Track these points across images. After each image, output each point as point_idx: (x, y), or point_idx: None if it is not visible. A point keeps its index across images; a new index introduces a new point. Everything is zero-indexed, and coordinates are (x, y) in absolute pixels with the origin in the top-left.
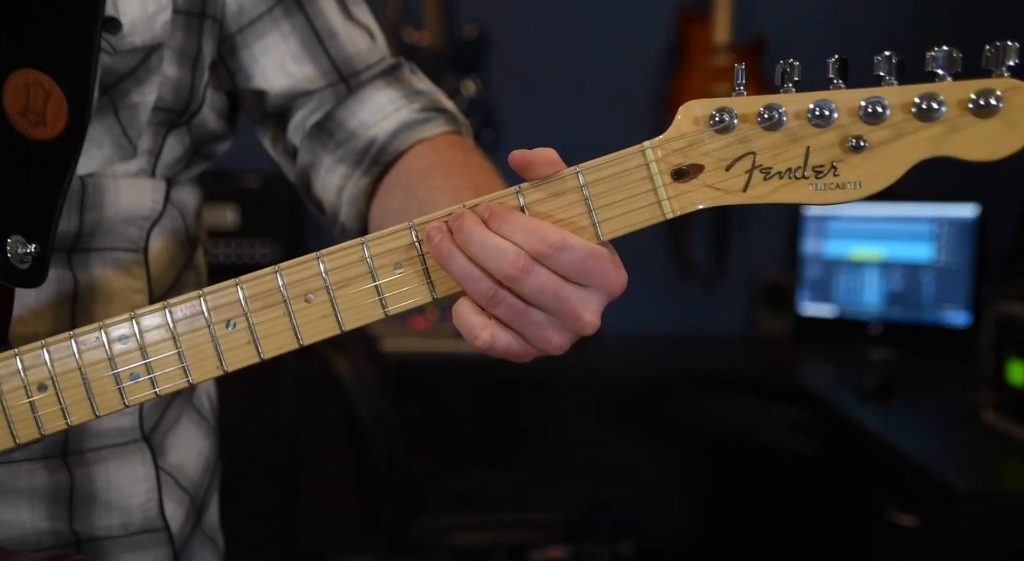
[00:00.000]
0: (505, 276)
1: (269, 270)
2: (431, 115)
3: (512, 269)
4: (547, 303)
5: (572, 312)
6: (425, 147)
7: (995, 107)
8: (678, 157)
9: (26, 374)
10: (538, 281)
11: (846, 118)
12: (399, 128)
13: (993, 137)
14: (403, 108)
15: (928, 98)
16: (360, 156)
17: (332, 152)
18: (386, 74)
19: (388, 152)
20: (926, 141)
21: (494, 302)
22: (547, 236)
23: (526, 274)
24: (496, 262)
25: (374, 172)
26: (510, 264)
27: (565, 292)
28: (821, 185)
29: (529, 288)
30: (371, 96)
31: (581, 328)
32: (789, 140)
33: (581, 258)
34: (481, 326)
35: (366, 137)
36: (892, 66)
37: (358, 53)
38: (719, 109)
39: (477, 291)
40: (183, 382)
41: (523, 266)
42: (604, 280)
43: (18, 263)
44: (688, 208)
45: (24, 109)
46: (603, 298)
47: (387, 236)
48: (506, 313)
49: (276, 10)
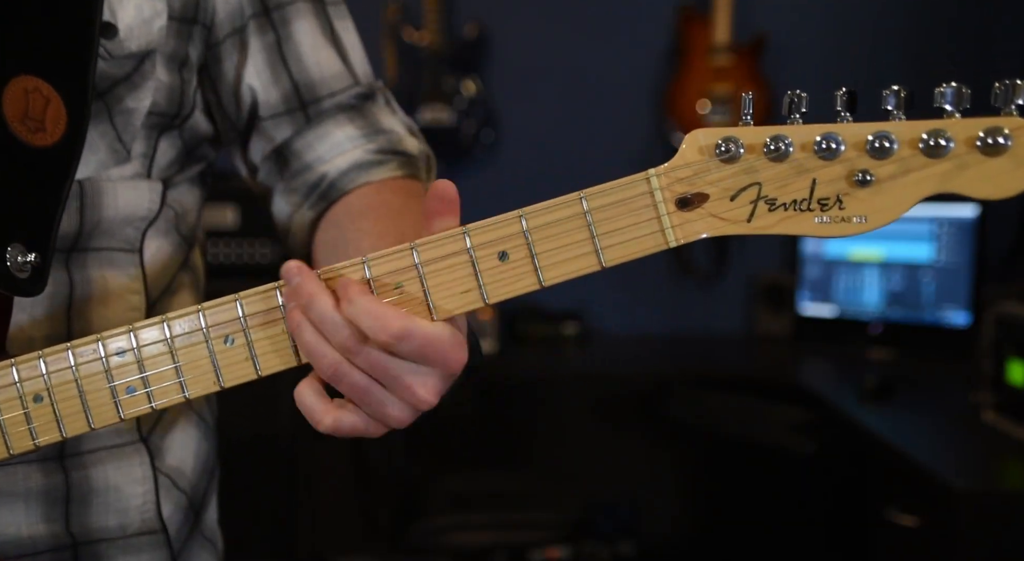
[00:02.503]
0: (342, 349)
1: (269, 287)
2: (385, 158)
3: (348, 343)
4: (383, 380)
5: (407, 389)
6: (369, 189)
7: (1003, 146)
8: (683, 186)
9: (22, 385)
10: (368, 360)
11: (853, 152)
12: (350, 167)
13: (1001, 175)
14: (359, 147)
15: (936, 135)
16: (310, 190)
17: (286, 180)
18: (350, 107)
19: (336, 189)
20: (933, 177)
21: (337, 377)
22: (389, 325)
23: (358, 353)
24: (333, 335)
25: (319, 207)
26: (346, 338)
27: (397, 370)
28: (826, 218)
29: (363, 365)
30: (331, 131)
31: (417, 404)
32: (795, 172)
33: (420, 346)
34: (323, 411)
35: (319, 172)
36: (900, 100)
37: (323, 80)
38: (725, 139)
39: (321, 364)
40: (179, 397)
41: (355, 345)
42: (443, 363)
43: (17, 272)
44: (692, 237)
45: (23, 115)
46: (442, 376)
47: (388, 256)
48: (348, 389)
49: (250, 27)
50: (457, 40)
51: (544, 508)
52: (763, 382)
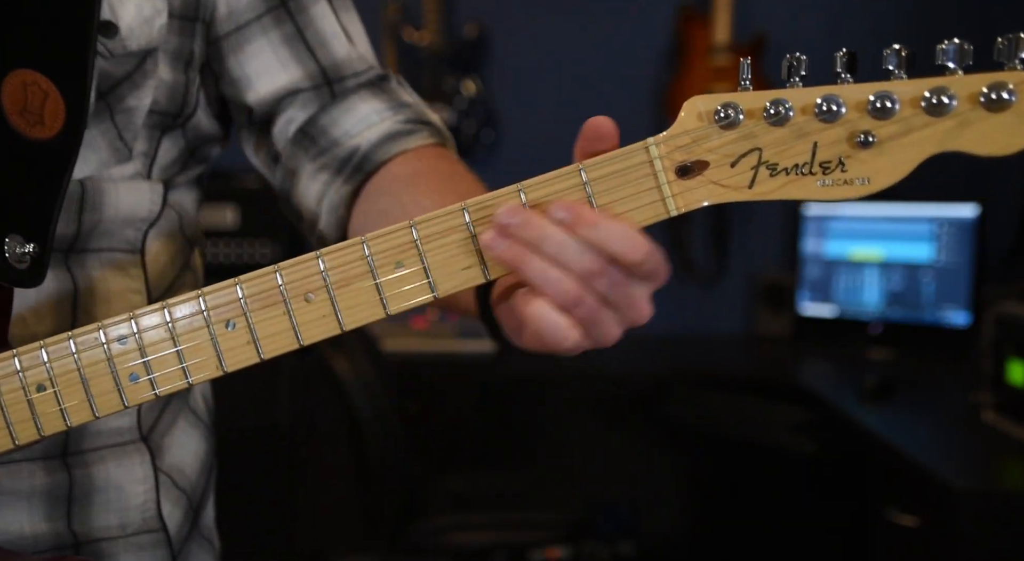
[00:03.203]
0: (587, 274)
1: (269, 269)
2: (416, 127)
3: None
4: (618, 301)
5: (636, 306)
6: (409, 157)
7: (1007, 101)
8: (682, 153)
9: (25, 375)
10: (611, 280)
11: (854, 113)
12: (383, 138)
13: (1005, 131)
14: (388, 119)
15: (938, 92)
16: (342, 164)
17: (314, 159)
18: (372, 85)
19: (371, 161)
20: (936, 136)
21: (578, 302)
22: (640, 244)
23: (602, 275)
24: (576, 263)
25: (356, 180)
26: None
27: (632, 289)
28: (829, 181)
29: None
30: (356, 105)
31: (642, 319)
32: (796, 135)
33: (658, 261)
34: (568, 326)
35: (349, 146)
36: (901, 60)
37: (346, 59)
38: (724, 104)
39: (560, 290)
40: (183, 383)
41: (601, 267)
42: (661, 276)
43: (16, 263)
44: (693, 205)
45: (22, 108)
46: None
47: (387, 234)
48: (584, 314)
49: (265, 18)
50: (457, 40)
51: (544, 508)
52: (763, 382)
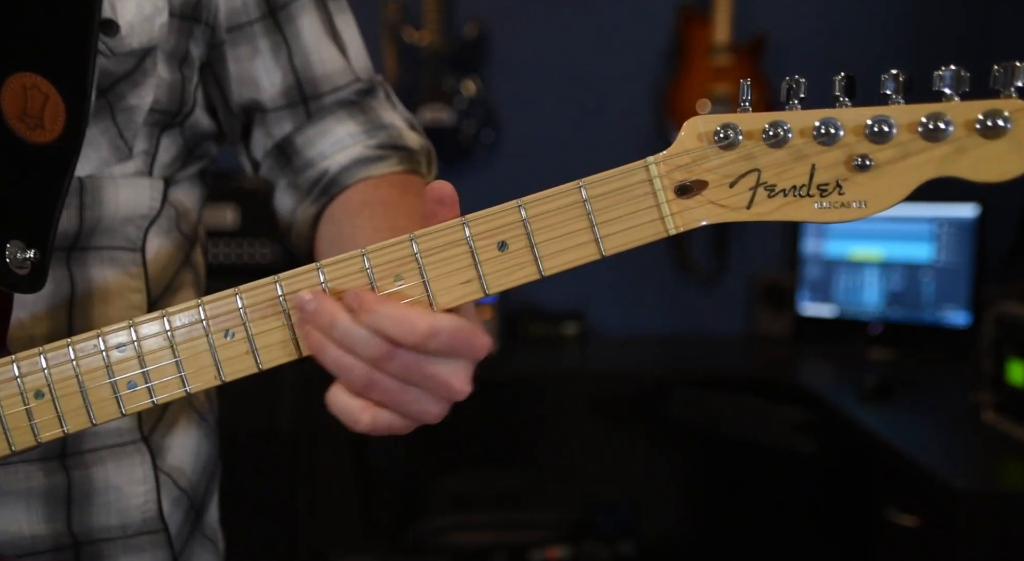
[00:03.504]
0: (372, 360)
1: (268, 280)
2: (386, 153)
3: (377, 353)
4: (418, 382)
5: (444, 384)
6: (368, 184)
7: (1003, 128)
8: (682, 173)
9: (23, 381)
10: (401, 364)
11: (852, 137)
12: (351, 163)
13: (1000, 158)
14: (360, 143)
15: (935, 118)
16: (312, 186)
17: (287, 176)
18: (351, 103)
19: (336, 185)
20: (932, 161)
21: (370, 387)
22: (416, 326)
23: (391, 359)
24: (362, 350)
25: (320, 202)
26: (375, 348)
27: (430, 368)
28: (826, 203)
29: (395, 370)
30: (332, 127)
31: (454, 396)
32: (794, 158)
33: (450, 340)
34: (360, 410)
35: (320, 168)
36: (899, 84)
37: (325, 76)
38: (724, 125)
39: (351, 378)
40: (180, 392)
41: (387, 352)
42: (471, 351)
43: (17, 268)
44: (691, 224)
45: (22, 112)
46: (470, 364)
47: (388, 247)
48: (382, 396)
49: (257, 26)
50: (457, 40)
51: (544, 508)
52: (763, 382)
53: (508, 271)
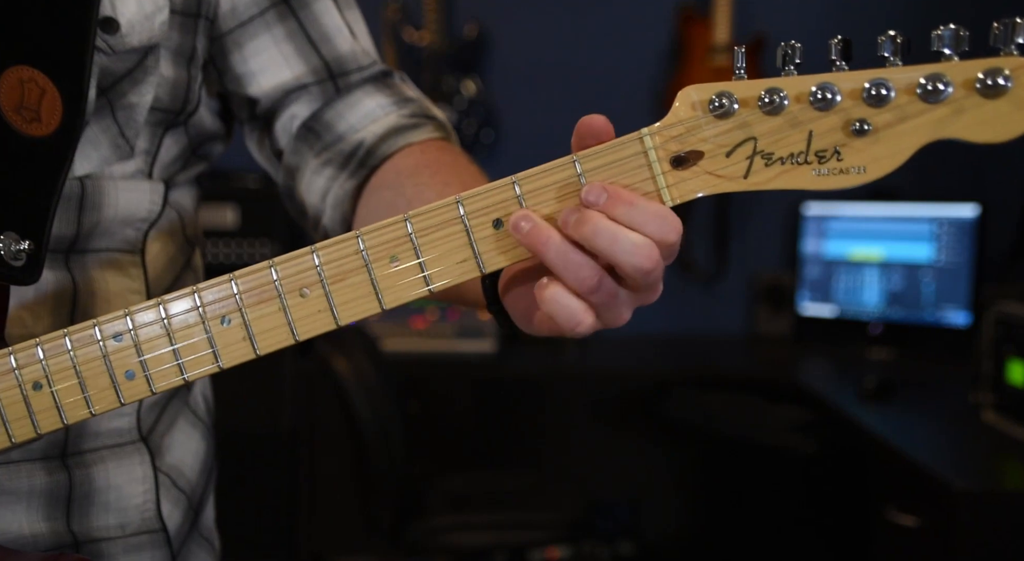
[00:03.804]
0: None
1: (263, 265)
2: (420, 121)
3: (648, 263)
4: (648, 285)
5: (655, 287)
6: (413, 150)
7: (1003, 87)
8: (677, 144)
9: (21, 372)
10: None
11: (849, 101)
12: (387, 132)
13: (1001, 118)
14: (392, 113)
15: (933, 79)
16: (347, 159)
17: (319, 155)
18: (376, 79)
19: (375, 156)
20: (932, 123)
21: (596, 288)
22: (675, 224)
23: (658, 265)
24: (630, 257)
25: (360, 175)
26: (645, 258)
27: (660, 272)
28: (824, 170)
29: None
30: (360, 100)
31: (654, 299)
32: (791, 125)
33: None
34: (583, 310)
35: (354, 140)
36: (896, 46)
37: (349, 53)
38: (719, 94)
39: (579, 278)
40: (179, 379)
41: (657, 259)
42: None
43: (12, 260)
44: (688, 196)
45: (19, 105)
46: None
47: (382, 228)
48: (602, 298)
49: (269, 14)
50: (457, 40)
51: (544, 508)
52: (763, 382)
53: (504, 248)
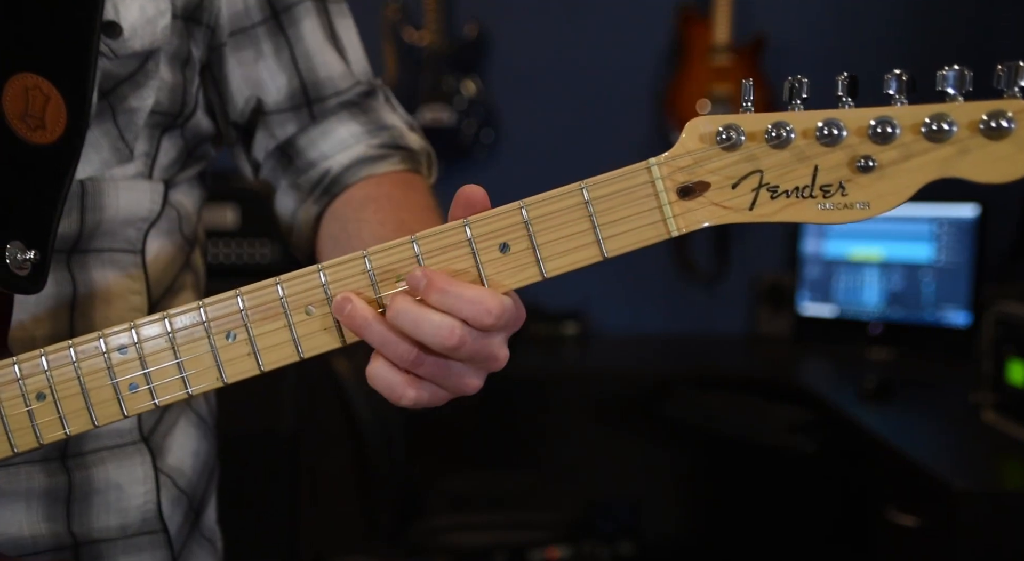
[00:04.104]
0: (444, 349)
1: (269, 282)
2: (388, 152)
3: (450, 342)
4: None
5: (491, 356)
6: (370, 182)
7: (1007, 129)
8: (684, 174)
9: (25, 382)
10: (473, 347)
11: (855, 138)
12: (353, 162)
13: (1004, 159)
14: (362, 143)
15: (938, 119)
16: (313, 186)
17: (289, 177)
18: (354, 104)
19: (338, 184)
20: (936, 162)
21: (416, 364)
22: (491, 308)
23: (463, 343)
24: (432, 338)
25: (322, 202)
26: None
27: (490, 346)
28: (829, 205)
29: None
30: (334, 128)
31: (498, 367)
32: (797, 159)
33: (512, 317)
34: (404, 384)
35: (322, 168)
36: (902, 84)
37: (329, 78)
38: (726, 126)
39: (397, 354)
40: (182, 393)
41: (460, 338)
42: (518, 324)
43: (17, 269)
44: (694, 226)
45: (23, 113)
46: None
47: (389, 249)
48: (429, 371)
49: (260, 29)
50: (457, 40)
51: (544, 508)
52: (763, 382)
53: (510, 272)
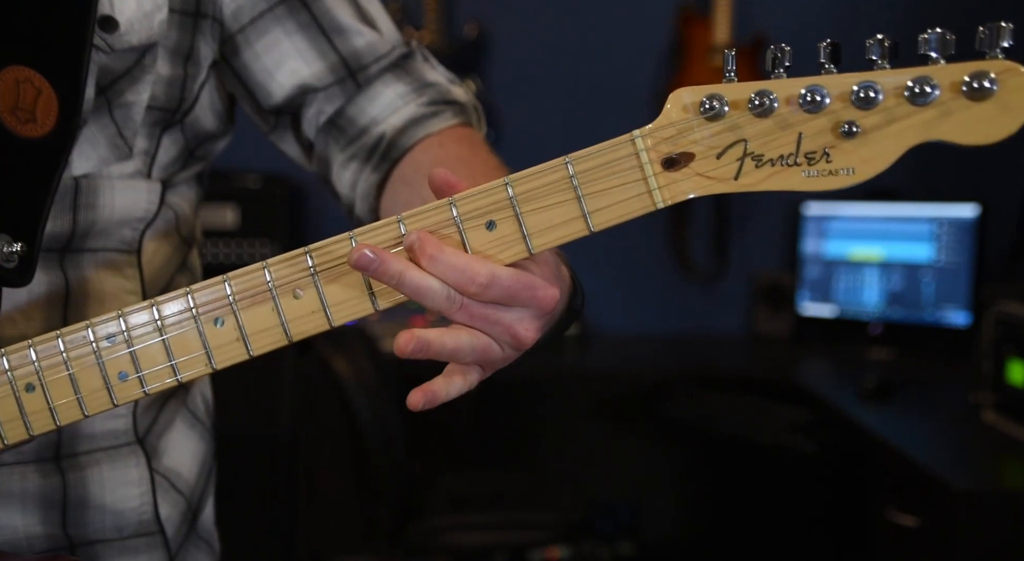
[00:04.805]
0: (441, 311)
1: (257, 266)
2: (439, 108)
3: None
4: (484, 328)
5: (508, 330)
6: (432, 143)
7: (989, 90)
8: (668, 145)
9: (13, 374)
10: (468, 313)
11: (838, 103)
12: (407, 124)
13: (987, 120)
14: (411, 102)
15: (921, 82)
16: (370, 152)
17: (344, 149)
18: (396, 66)
19: (396, 148)
20: (919, 125)
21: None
22: (475, 276)
23: (457, 309)
24: (430, 301)
25: (383, 168)
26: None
27: (496, 316)
28: (814, 172)
29: (462, 318)
30: (380, 91)
31: (519, 345)
32: (780, 126)
33: (508, 288)
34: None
35: (376, 133)
36: (884, 50)
37: (367, 46)
38: (709, 96)
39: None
40: (172, 381)
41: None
42: (533, 301)
43: (4, 262)
44: (679, 197)
45: (14, 106)
46: (536, 314)
47: (375, 230)
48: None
49: (279, 8)
50: (457, 40)
51: (544, 508)
52: (763, 382)
53: (497, 249)
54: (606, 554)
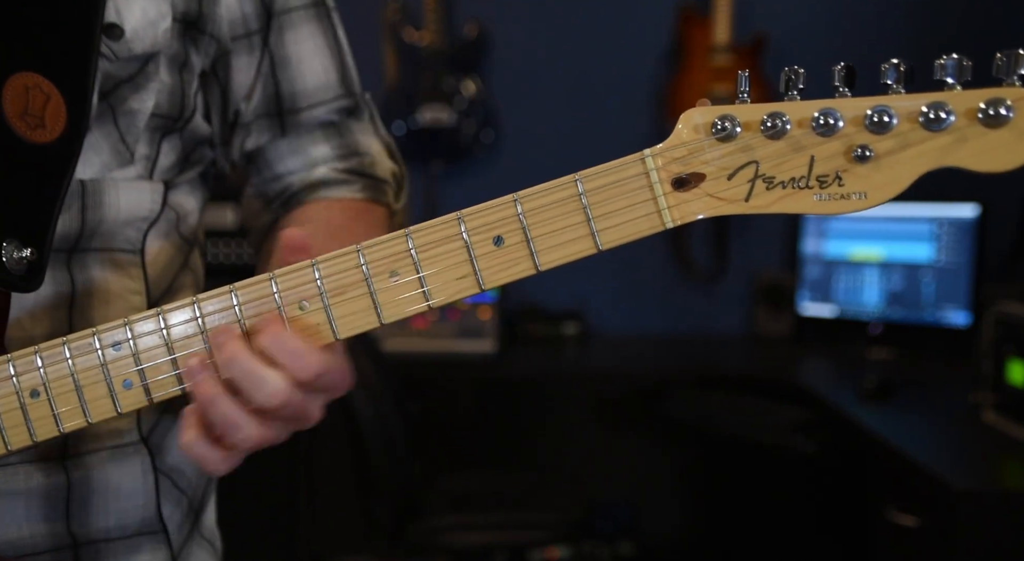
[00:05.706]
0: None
1: (263, 277)
2: (351, 179)
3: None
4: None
5: (307, 417)
6: (321, 205)
7: (1005, 117)
8: (679, 166)
9: (19, 380)
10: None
11: (851, 127)
12: (315, 183)
13: (1002, 148)
14: (328, 165)
15: (936, 107)
16: (274, 198)
17: (255, 185)
18: (331, 125)
19: (295, 201)
20: (933, 151)
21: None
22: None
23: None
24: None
25: (279, 213)
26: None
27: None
28: (825, 195)
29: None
30: (305, 147)
31: (308, 426)
32: (793, 149)
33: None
34: (222, 460)
35: (285, 183)
36: (900, 74)
37: (306, 90)
38: (721, 117)
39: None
40: (176, 390)
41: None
42: (340, 388)
43: (14, 268)
44: (689, 218)
45: (23, 112)
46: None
47: (383, 243)
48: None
49: (255, 37)
50: (457, 40)
51: (544, 508)
52: (763, 382)
53: (504, 266)
54: (606, 554)
